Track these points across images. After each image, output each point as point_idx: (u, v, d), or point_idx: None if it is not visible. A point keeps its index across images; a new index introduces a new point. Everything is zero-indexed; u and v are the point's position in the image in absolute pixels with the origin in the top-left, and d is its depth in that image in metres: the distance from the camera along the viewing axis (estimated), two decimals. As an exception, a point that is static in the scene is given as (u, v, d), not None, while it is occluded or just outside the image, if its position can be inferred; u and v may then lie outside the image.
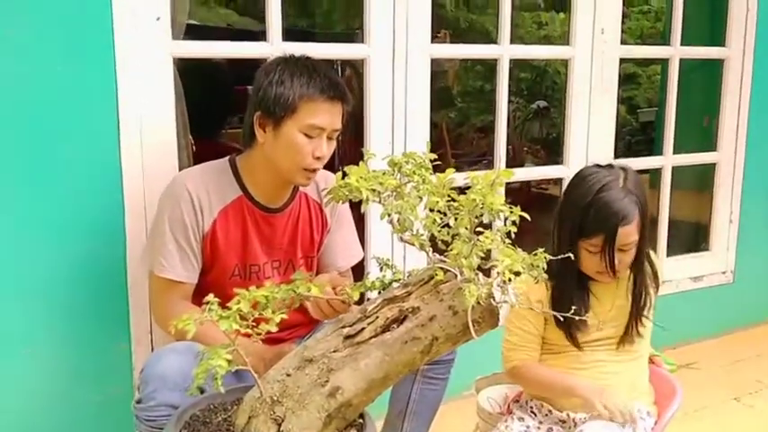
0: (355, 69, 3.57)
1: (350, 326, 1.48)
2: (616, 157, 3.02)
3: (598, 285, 1.92)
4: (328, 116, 1.82)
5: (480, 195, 1.36)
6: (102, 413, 2.13)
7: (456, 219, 1.39)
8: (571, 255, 1.50)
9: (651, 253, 1.98)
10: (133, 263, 2.09)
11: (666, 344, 3.10)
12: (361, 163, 1.52)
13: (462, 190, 1.42)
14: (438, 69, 5.50)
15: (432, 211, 1.43)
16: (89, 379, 2.13)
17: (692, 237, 3.84)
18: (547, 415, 1.95)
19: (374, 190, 1.47)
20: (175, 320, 1.32)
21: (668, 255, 3.35)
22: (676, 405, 1.88)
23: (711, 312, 3.45)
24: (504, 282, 1.33)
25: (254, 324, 1.38)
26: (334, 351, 1.46)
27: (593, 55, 2.88)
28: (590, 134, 2.93)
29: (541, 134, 7.10)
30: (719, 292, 3.49)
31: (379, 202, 1.50)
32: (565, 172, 2.92)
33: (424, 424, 2.05)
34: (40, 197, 1.99)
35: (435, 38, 2.57)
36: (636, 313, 1.92)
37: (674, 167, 3.28)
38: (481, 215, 1.37)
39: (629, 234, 1.80)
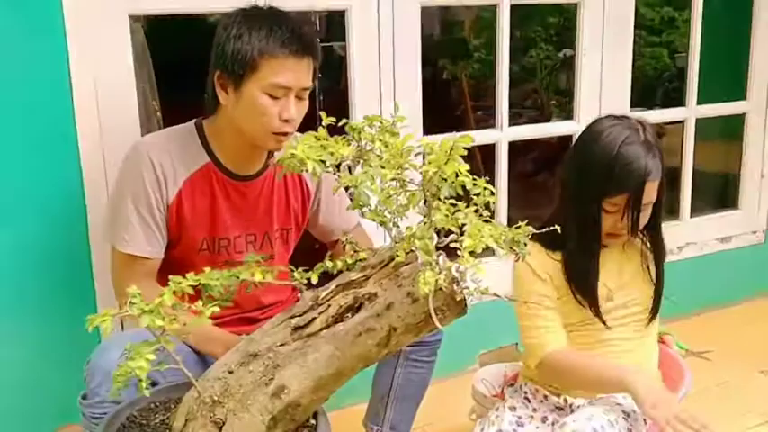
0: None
1: (299, 315, 1.31)
2: (647, 105, 2.77)
3: (603, 252, 1.74)
4: (293, 74, 1.62)
5: (435, 166, 1.16)
6: (68, 395, 2.02)
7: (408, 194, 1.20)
8: (562, 226, 1.30)
9: None
10: (96, 237, 1.95)
11: (686, 311, 2.89)
12: (320, 129, 1.34)
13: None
14: (452, 19, 5.24)
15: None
16: (55, 359, 2.00)
17: (718, 193, 3.58)
18: (542, 401, 1.78)
19: (323, 161, 1.29)
20: (90, 317, 1.18)
21: (692, 214, 3.11)
22: (684, 391, 1.68)
23: (739, 276, 3.20)
24: (463, 267, 1.15)
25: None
26: (282, 344, 1.30)
27: (606, -3, 2.62)
28: (603, 84, 2.68)
29: (569, 86, 6.78)
30: (748, 253, 3.23)
31: (333, 173, 1.32)
32: (575, 129, 2.68)
33: (408, 410, 1.90)
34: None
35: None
36: (661, 280, 1.77)
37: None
38: (438, 189, 1.18)
39: (652, 191, 1.65)
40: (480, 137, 2.62)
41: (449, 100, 5.45)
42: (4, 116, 1.84)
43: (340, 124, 1.35)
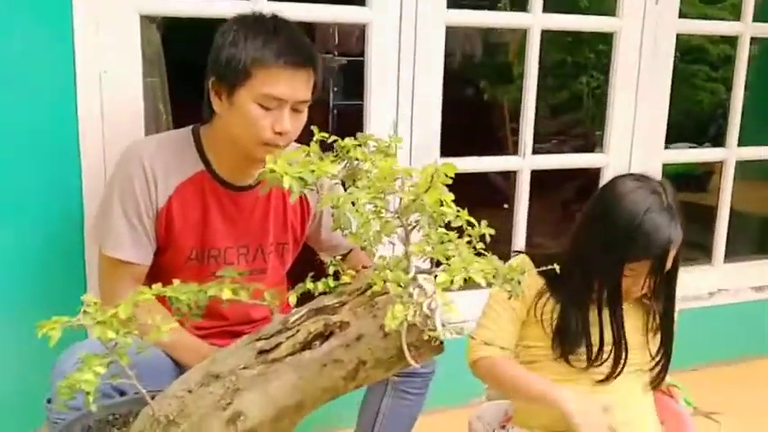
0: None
1: (266, 338, 1.24)
2: (698, 141, 2.65)
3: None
4: (288, 86, 1.57)
5: (413, 195, 1.08)
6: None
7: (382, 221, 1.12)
8: (557, 267, 1.21)
9: None
10: (91, 240, 1.92)
11: (707, 361, 2.73)
12: (312, 144, 1.27)
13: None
14: (497, 42, 5.16)
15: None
16: (43, 360, 1.97)
17: (757, 238, 3.41)
18: (531, 448, 1.68)
19: (302, 179, 1.22)
20: (40, 323, 1.13)
21: (726, 259, 2.95)
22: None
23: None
24: (434, 304, 1.06)
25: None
26: (245, 367, 1.22)
27: (645, 29, 2.51)
28: (636, 119, 2.57)
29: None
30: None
31: (317, 191, 1.25)
32: (604, 161, 2.58)
33: (394, 443, 1.81)
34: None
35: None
36: (669, 350, 1.72)
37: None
38: (412, 221, 1.10)
39: (671, 257, 1.61)
40: (502, 163, 2.53)
41: (488, 122, 5.36)
42: (5, 109, 1.83)
43: (329, 141, 1.28)
